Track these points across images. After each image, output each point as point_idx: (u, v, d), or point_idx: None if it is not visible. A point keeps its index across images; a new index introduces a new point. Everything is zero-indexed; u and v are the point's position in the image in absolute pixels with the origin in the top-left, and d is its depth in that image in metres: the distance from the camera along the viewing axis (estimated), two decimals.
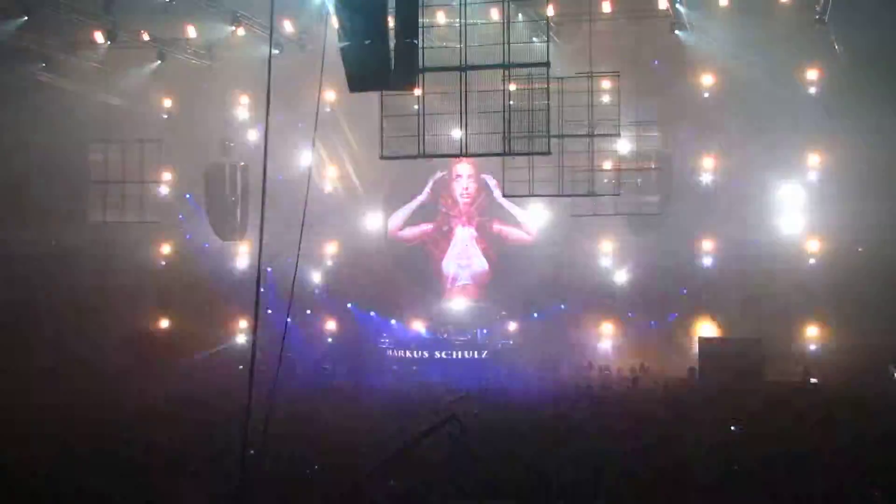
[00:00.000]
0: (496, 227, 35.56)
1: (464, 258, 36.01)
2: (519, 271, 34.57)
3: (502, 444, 19.21)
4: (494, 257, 35.65)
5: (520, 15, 25.71)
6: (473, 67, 21.49)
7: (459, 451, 17.78)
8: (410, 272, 35.95)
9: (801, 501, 15.56)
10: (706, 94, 31.13)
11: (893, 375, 23.89)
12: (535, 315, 33.84)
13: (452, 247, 36.15)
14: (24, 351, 29.17)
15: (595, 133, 27.28)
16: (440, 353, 33.50)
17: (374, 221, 35.54)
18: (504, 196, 31.04)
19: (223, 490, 13.90)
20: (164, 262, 35.85)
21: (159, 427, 21.77)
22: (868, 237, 29.41)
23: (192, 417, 23.14)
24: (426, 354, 33.52)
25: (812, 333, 29.91)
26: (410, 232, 36.28)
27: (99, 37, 29.51)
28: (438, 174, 35.57)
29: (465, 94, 21.28)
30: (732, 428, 21.73)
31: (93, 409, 23.41)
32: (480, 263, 35.89)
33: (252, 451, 12.81)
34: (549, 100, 22.87)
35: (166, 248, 35.99)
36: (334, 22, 15.02)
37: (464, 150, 22.85)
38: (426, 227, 36.34)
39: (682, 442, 20.14)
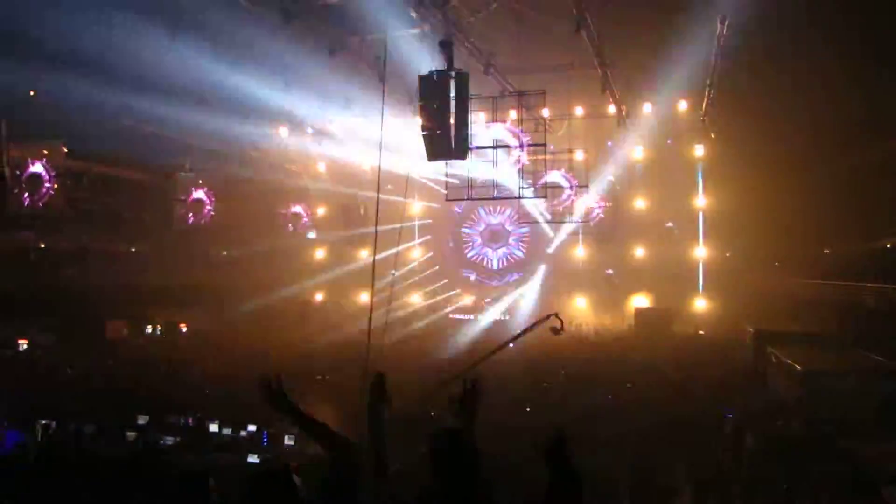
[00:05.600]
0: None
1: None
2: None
3: None
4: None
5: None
6: (501, 146, 22.37)
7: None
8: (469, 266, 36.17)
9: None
10: (638, 165, 31.67)
11: (748, 329, 24.21)
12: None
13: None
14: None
15: (573, 185, 27.93)
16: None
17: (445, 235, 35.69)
18: (519, 222, 31.91)
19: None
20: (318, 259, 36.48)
21: (319, 355, 22.73)
22: (733, 247, 29.82)
23: (335, 351, 23.90)
24: (472, 317, 33.97)
25: (700, 304, 30.14)
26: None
27: (283, 131, 30.97)
28: None
29: (496, 161, 22.21)
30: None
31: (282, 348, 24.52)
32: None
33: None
34: (546, 164, 23.72)
35: (320, 252, 36.96)
36: (418, 119, 15.93)
37: (495, 194, 23.84)
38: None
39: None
